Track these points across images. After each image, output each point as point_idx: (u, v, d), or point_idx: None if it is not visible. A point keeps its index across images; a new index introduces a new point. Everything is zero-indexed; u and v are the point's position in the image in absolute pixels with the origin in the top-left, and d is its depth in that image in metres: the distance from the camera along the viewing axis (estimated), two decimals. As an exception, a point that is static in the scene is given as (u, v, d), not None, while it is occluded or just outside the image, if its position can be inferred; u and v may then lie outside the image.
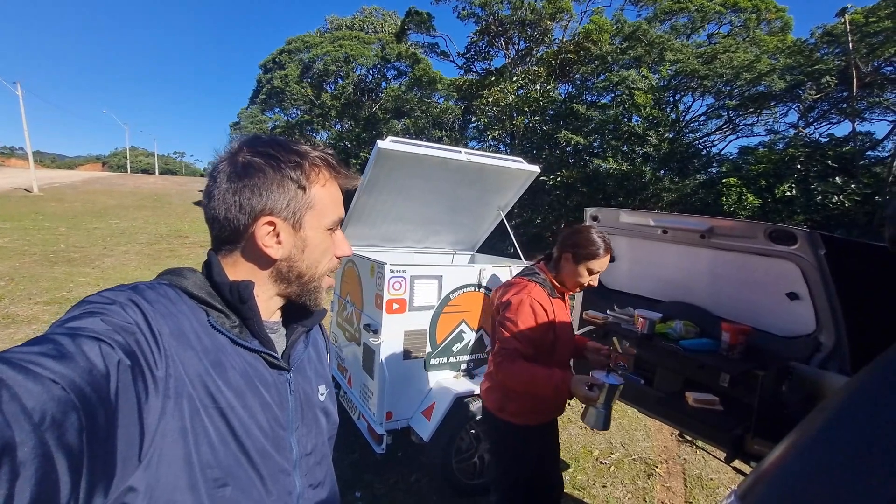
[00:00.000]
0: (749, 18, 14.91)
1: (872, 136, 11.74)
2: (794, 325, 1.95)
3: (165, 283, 0.70)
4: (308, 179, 0.73)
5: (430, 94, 20.68)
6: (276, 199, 0.72)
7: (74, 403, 0.45)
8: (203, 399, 0.63)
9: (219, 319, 0.70)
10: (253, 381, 0.71)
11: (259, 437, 0.69)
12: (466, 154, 3.13)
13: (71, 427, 0.44)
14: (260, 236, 0.72)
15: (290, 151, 0.73)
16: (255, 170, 0.71)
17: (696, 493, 2.99)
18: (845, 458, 0.70)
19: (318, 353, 0.92)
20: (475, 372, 2.88)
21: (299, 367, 0.82)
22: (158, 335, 0.60)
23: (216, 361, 0.66)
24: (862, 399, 0.78)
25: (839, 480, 0.69)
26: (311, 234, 0.75)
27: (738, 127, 14.91)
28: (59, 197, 20.81)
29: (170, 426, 0.58)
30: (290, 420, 0.76)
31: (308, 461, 0.80)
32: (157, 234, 14.08)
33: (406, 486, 2.88)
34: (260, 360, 0.73)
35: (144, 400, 0.55)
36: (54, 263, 8.88)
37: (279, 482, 0.72)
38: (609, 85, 14.16)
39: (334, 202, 0.78)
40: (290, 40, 25.98)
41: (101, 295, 0.61)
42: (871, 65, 11.64)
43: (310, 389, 0.84)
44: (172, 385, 0.60)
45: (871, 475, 0.67)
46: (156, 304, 0.63)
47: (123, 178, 34.24)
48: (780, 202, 9.92)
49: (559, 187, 13.36)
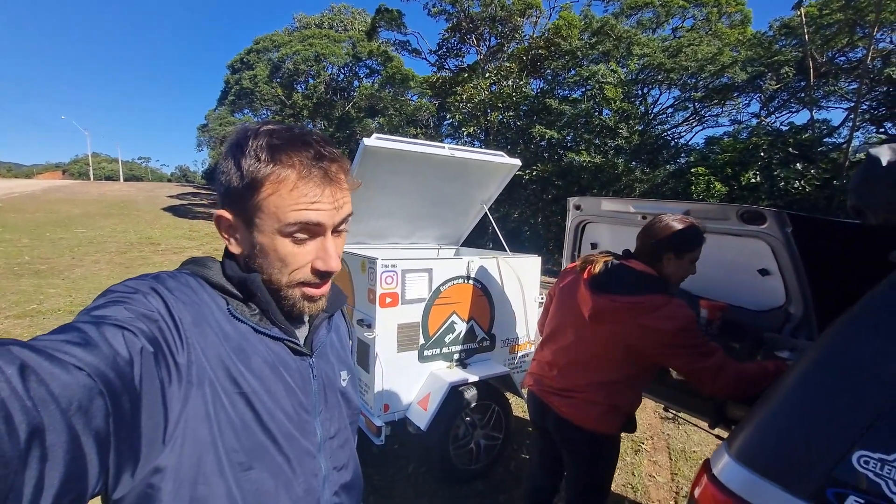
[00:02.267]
0: (711, 12, 15.46)
1: (829, 123, 12.45)
2: (766, 299, 2.10)
3: (187, 273, 0.72)
4: (259, 178, 0.66)
5: (404, 92, 20.64)
6: (228, 192, 0.69)
7: (100, 389, 0.47)
8: (226, 385, 0.64)
9: (238, 308, 0.71)
10: (276, 367, 0.72)
11: (284, 420, 0.70)
12: (450, 149, 3.19)
13: (97, 412, 0.46)
14: (219, 229, 0.72)
15: (261, 144, 0.67)
16: (224, 156, 0.70)
17: (680, 464, 3.16)
18: (815, 401, 0.81)
19: (340, 338, 0.94)
20: (467, 361, 2.96)
21: (322, 352, 0.83)
22: (180, 323, 0.62)
23: (238, 348, 0.68)
24: (825, 354, 0.90)
25: (810, 416, 0.80)
26: (262, 237, 0.69)
27: (704, 118, 15.50)
28: (18, 207, 19.82)
29: (193, 411, 0.60)
30: (314, 404, 0.77)
31: (332, 444, 0.80)
32: (126, 241, 13.61)
33: (404, 476, 2.94)
34: (283, 347, 0.74)
35: (168, 385, 0.57)
36: (20, 276, 8.52)
37: (305, 464, 0.73)
38: (580, 79, 14.46)
39: (297, 206, 0.67)
40: (257, 39, 25.41)
41: (125, 284, 0.63)
42: (826, 55, 12.28)
43: (332, 374, 0.85)
44: (195, 371, 0.61)
45: (834, 413, 0.78)
46: (177, 293, 0.65)
47: (86, 186, 32.87)
48: (746, 189, 10.35)
49: (535, 181, 13.59)
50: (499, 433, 2.99)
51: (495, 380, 2.94)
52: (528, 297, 3.22)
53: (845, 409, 0.80)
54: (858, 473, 0.75)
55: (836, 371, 0.85)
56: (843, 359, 0.86)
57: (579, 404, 1.73)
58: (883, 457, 0.74)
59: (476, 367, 2.92)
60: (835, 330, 0.89)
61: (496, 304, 3.06)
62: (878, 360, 0.80)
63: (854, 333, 0.86)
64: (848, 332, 0.87)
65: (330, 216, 0.70)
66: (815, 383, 0.86)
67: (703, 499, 0.95)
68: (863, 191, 0.85)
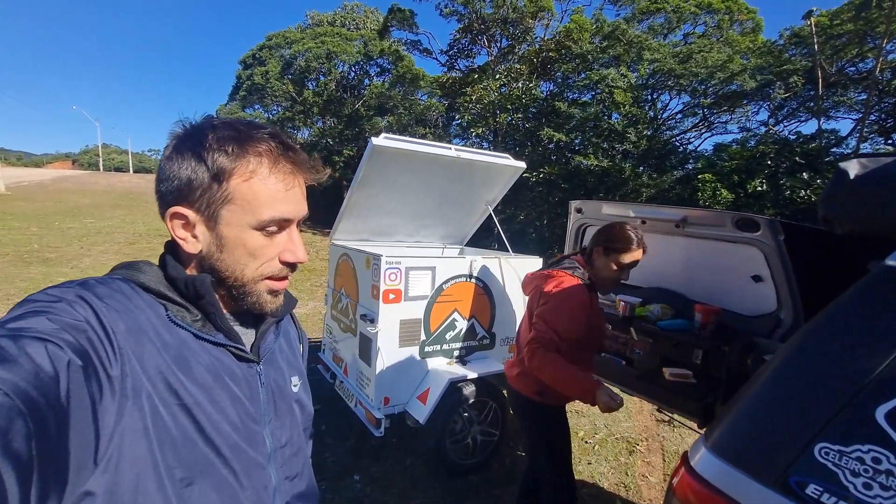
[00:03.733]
0: (722, 19, 15.41)
1: (837, 133, 12.37)
2: (758, 304, 2.16)
3: (119, 278, 0.66)
4: (228, 169, 0.64)
5: (414, 92, 20.70)
6: (188, 187, 0.65)
7: (20, 409, 0.43)
8: (165, 397, 0.60)
9: (178, 314, 0.67)
10: (220, 376, 0.68)
11: (230, 431, 0.67)
12: (456, 150, 3.26)
13: (17, 434, 0.42)
14: (172, 227, 0.67)
15: (224, 135, 0.65)
16: (175, 152, 0.66)
17: (673, 466, 3.20)
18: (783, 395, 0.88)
19: (289, 343, 0.90)
20: (467, 358, 3.03)
21: (270, 358, 0.80)
22: (112, 332, 0.57)
23: (178, 357, 0.64)
24: (794, 352, 0.97)
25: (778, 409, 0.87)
26: (228, 231, 0.67)
27: (713, 124, 15.46)
28: (28, 196, 20.09)
29: (129, 426, 0.56)
30: (263, 413, 0.74)
31: (283, 453, 0.77)
32: (135, 233, 13.79)
33: (402, 468, 3.01)
34: (227, 354, 0.71)
35: (99, 400, 0.52)
36: (29, 264, 8.68)
37: (253, 476, 0.70)
38: (589, 83, 14.46)
39: (271, 198, 0.67)
40: (270, 36, 25.58)
41: (46, 293, 0.57)
42: (836, 65, 12.23)
43: (282, 381, 0.81)
44: (130, 384, 0.57)
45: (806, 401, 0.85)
46: (108, 300, 0.60)
47: (95, 177, 33.22)
48: (752, 197, 10.34)
49: (541, 184, 13.62)
50: (496, 430, 3.06)
51: (494, 377, 3.00)
52: (528, 298, 3.29)
53: (810, 403, 0.87)
54: (819, 463, 0.82)
55: (804, 368, 0.92)
56: (811, 357, 0.92)
57: (518, 373, 1.97)
58: (842, 448, 0.80)
59: (475, 364, 2.99)
60: (804, 330, 0.95)
61: (497, 303, 3.13)
62: (842, 358, 0.87)
63: (821, 333, 0.93)
64: (816, 333, 0.93)
65: (298, 208, 0.71)
66: (784, 379, 0.93)
67: (680, 487, 1.02)
68: (831, 202, 0.91)
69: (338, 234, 3.58)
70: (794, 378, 0.91)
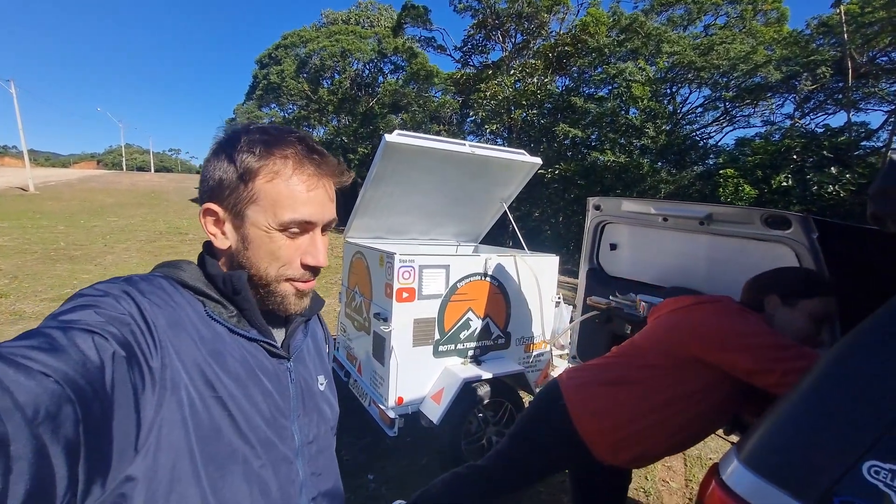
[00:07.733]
0: (745, 9, 14.97)
1: (868, 126, 11.83)
2: (789, 306, 2.05)
3: (160, 275, 0.70)
4: (254, 169, 0.68)
5: (428, 89, 20.67)
6: (220, 186, 0.69)
7: (69, 396, 0.45)
8: (201, 389, 0.63)
9: (216, 310, 0.70)
10: (253, 370, 0.71)
11: (261, 425, 0.69)
12: (471, 147, 3.20)
13: (66, 420, 0.44)
14: (205, 223, 0.71)
15: (254, 138, 0.69)
16: (213, 154, 0.71)
17: (695, 471, 3.11)
18: (827, 408, 0.80)
19: (316, 343, 0.92)
20: (482, 358, 2.98)
21: (299, 356, 0.82)
22: (153, 326, 0.60)
23: (214, 351, 0.66)
24: (839, 362, 0.89)
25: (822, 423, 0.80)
26: (253, 230, 0.70)
27: (735, 118, 15.00)
28: (55, 195, 20.76)
29: (168, 416, 0.58)
30: (292, 408, 0.76)
31: (310, 449, 0.79)
32: (156, 231, 14.09)
33: (417, 468, 2.98)
34: (260, 349, 0.73)
35: (141, 391, 0.55)
36: (56, 261, 8.92)
37: (282, 470, 0.72)
38: (606, 77, 14.23)
39: (293, 199, 0.69)
40: (285, 35, 25.87)
41: (95, 287, 0.61)
42: (867, 55, 11.73)
43: (310, 379, 0.84)
44: (169, 375, 0.59)
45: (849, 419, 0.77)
46: (150, 296, 0.63)
47: (119, 176, 34.12)
48: (777, 193, 10.03)
49: (557, 180, 13.47)
50: (511, 431, 3.01)
51: (509, 378, 2.95)
52: (544, 297, 3.22)
53: (858, 418, 0.79)
54: (868, 483, 0.74)
55: (850, 379, 0.84)
56: (857, 367, 0.84)
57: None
58: (894, 467, 0.73)
59: (490, 364, 2.93)
60: (850, 338, 0.88)
61: (513, 302, 3.07)
62: (893, 370, 0.79)
63: (869, 342, 0.85)
64: (863, 341, 0.85)
65: (322, 212, 0.72)
66: (829, 387, 0.85)
67: (711, 503, 0.95)
68: (882, 198, 0.84)
69: (351, 232, 3.56)
70: (840, 387, 0.84)
